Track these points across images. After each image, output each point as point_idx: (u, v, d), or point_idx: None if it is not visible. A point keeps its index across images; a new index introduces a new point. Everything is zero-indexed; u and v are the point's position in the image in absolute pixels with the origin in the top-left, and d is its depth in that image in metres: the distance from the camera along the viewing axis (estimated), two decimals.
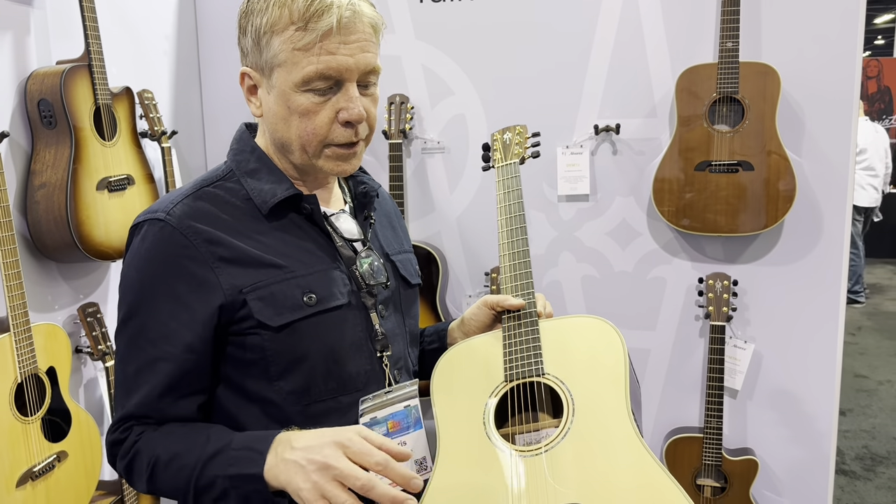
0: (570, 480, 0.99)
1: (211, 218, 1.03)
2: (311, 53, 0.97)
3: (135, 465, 1.01)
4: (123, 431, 1.03)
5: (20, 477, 1.61)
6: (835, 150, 2.12)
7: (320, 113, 1.00)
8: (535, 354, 1.13)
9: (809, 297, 2.20)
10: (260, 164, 1.09)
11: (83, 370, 2.00)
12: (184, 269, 0.99)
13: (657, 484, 0.96)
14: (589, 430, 1.04)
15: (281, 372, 1.02)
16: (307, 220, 1.09)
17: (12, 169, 1.77)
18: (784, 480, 2.29)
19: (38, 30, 1.86)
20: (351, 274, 1.09)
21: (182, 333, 1.00)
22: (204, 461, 0.96)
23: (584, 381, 1.10)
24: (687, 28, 2.18)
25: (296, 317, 1.01)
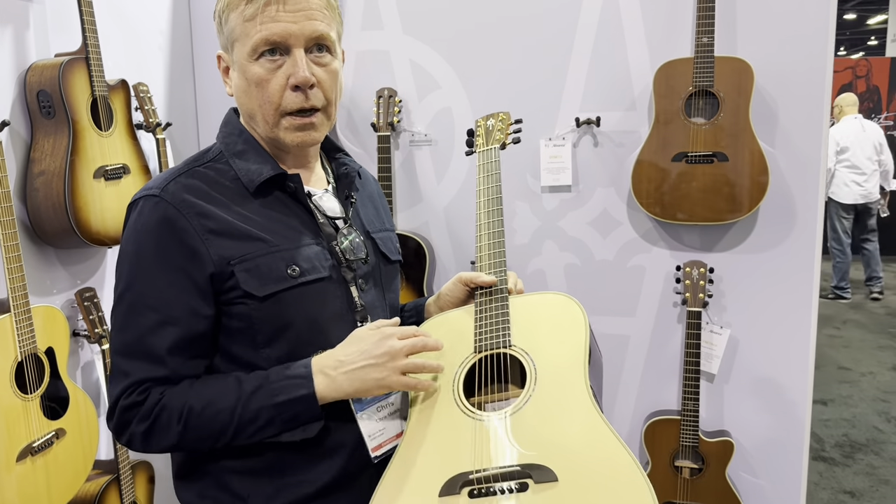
0: (528, 441, 1.06)
1: (202, 194, 1.10)
2: (257, 22, 1.05)
3: (160, 421, 1.05)
4: (140, 394, 1.06)
5: (20, 451, 1.68)
6: (807, 143, 2.20)
7: (272, 81, 1.08)
8: (504, 327, 1.21)
9: (783, 283, 2.28)
10: (247, 145, 1.16)
11: (80, 353, 2.07)
12: (178, 240, 1.06)
13: (607, 446, 1.03)
14: (549, 397, 1.11)
15: (267, 340, 1.10)
16: (291, 198, 1.16)
17: (12, 157, 1.84)
18: (760, 462, 2.37)
19: (38, 24, 1.92)
20: (332, 249, 1.16)
21: (183, 298, 1.06)
22: (246, 398, 1.04)
23: (547, 352, 1.18)
24: (665, 24, 2.25)
25: (280, 287, 1.08)
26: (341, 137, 2.52)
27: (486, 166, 1.43)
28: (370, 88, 2.46)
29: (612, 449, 1.02)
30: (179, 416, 1.05)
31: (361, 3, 2.45)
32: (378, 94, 2.42)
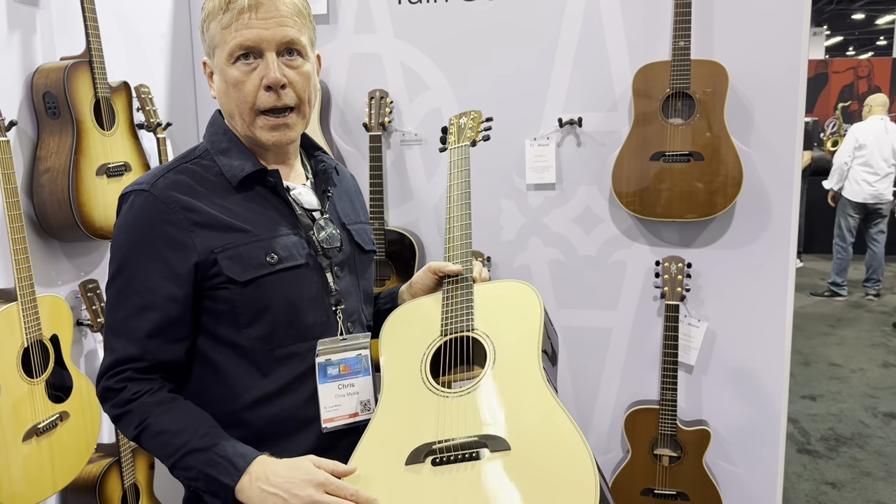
0: (486, 415, 1.16)
1: (188, 189, 1.20)
2: (232, 29, 1.15)
3: (124, 419, 1.18)
4: (118, 382, 1.17)
5: (26, 432, 1.78)
6: (781, 142, 2.28)
7: (247, 82, 1.18)
8: (468, 313, 1.30)
9: (760, 278, 2.36)
10: (230, 143, 1.26)
11: (84, 341, 2.17)
12: (164, 232, 1.17)
13: (555, 420, 1.13)
14: (505, 375, 1.21)
15: (248, 321, 1.20)
16: (271, 192, 1.26)
17: (20, 155, 1.94)
18: (737, 450, 2.46)
19: (44, 28, 2.02)
20: (309, 239, 1.26)
21: (165, 286, 1.17)
22: (188, 451, 1.13)
23: (506, 335, 1.27)
24: (645, 28, 2.34)
25: (260, 273, 1.19)
26: (334, 137, 2.62)
27: (457, 163, 1.52)
28: (362, 90, 2.56)
29: (559, 423, 1.12)
30: (137, 425, 1.16)
31: (354, 8, 2.55)
32: (370, 95, 2.52)
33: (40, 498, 1.84)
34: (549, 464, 1.07)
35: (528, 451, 1.09)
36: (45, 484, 1.84)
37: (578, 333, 2.55)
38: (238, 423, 1.21)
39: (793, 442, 3.57)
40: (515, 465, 1.08)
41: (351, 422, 1.24)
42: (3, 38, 1.88)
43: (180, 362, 1.22)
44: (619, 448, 2.57)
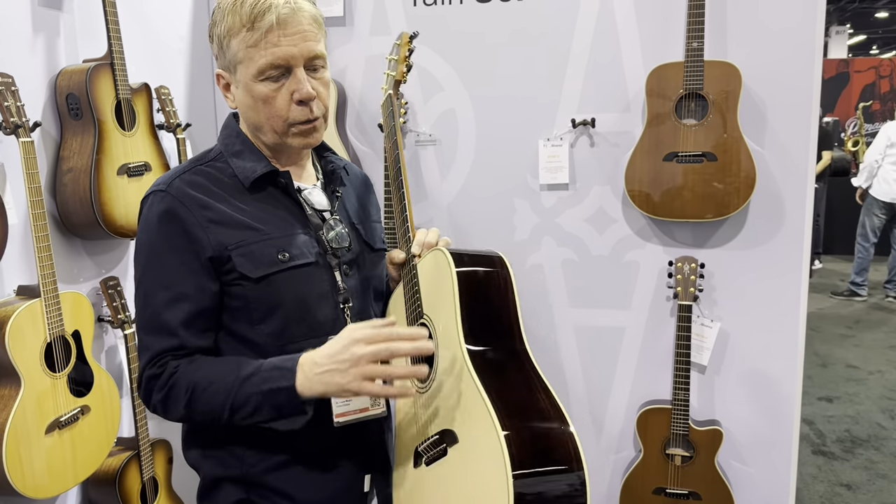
0: (440, 407, 1.20)
1: (203, 189, 1.24)
2: (260, 48, 1.18)
3: (172, 394, 1.20)
4: (160, 367, 1.21)
5: (48, 425, 1.83)
6: (795, 142, 2.28)
7: (278, 97, 1.21)
8: (417, 298, 1.32)
9: (773, 279, 2.36)
10: (243, 146, 1.30)
11: (105, 337, 2.22)
12: (182, 228, 1.21)
13: (473, 401, 1.12)
14: (444, 359, 1.23)
15: (261, 317, 1.23)
16: (283, 192, 1.30)
17: (43, 155, 1.99)
18: (749, 450, 2.46)
19: (67, 32, 2.07)
20: (318, 238, 1.30)
21: (192, 277, 1.21)
22: (240, 382, 1.16)
23: (439, 317, 1.27)
24: (658, 29, 2.35)
25: (271, 270, 1.22)
26: (350, 137, 2.65)
27: (386, 122, 1.41)
28: (378, 91, 2.56)
29: (476, 404, 1.11)
30: (186, 391, 1.18)
31: (370, 10, 2.58)
32: None
33: (62, 489, 1.89)
34: (473, 450, 1.11)
35: (466, 438, 1.13)
36: (67, 476, 1.89)
37: (591, 333, 2.56)
38: None
39: (808, 443, 3.56)
40: (461, 455, 1.13)
41: (362, 416, 1.28)
42: (28, 42, 1.93)
43: (214, 350, 1.26)
44: (631, 447, 2.58)
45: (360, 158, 2.65)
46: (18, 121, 1.76)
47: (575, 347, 2.59)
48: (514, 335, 1.24)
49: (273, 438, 1.21)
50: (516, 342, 1.23)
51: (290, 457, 1.25)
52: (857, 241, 6.42)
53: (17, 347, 1.74)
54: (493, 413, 1.07)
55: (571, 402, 2.62)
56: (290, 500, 1.27)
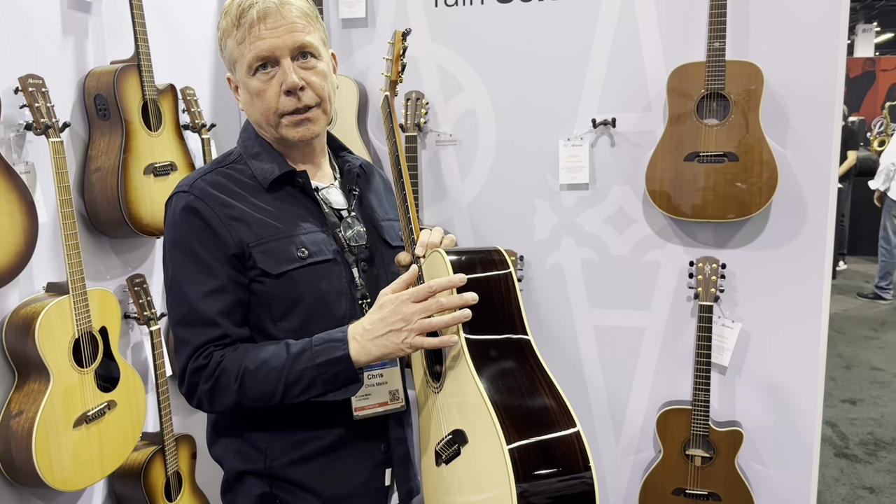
0: (450, 406, 1.22)
1: (225, 189, 1.28)
2: (247, 43, 1.22)
3: (220, 382, 1.21)
4: (205, 357, 1.23)
5: (76, 419, 1.86)
6: (817, 143, 2.27)
7: (268, 90, 1.24)
8: None
9: (795, 280, 2.35)
10: (261, 148, 1.33)
11: (131, 334, 2.26)
12: (206, 227, 1.24)
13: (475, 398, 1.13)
14: (450, 364, 1.23)
15: (281, 313, 1.26)
16: (300, 192, 1.33)
17: (72, 155, 2.03)
18: (770, 452, 2.45)
19: (95, 34, 2.11)
20: (336, 236, 1.32)
21: (222, 271, 1.24)
22: (292, 359, 1.19)
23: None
24: (680, 29, 2.35)
25: (291, 267, 1.25)
26: (371, 137, 2.68)
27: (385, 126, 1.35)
28: (399, 91, 2.60)
29: (478, 406, 1.11)
30: (236, 376, 1.20)
31: (392, 11, 2.60)
32: (406, 96, 2.57)
33: (89, 482, 1.93)
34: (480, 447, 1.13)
35: (474, 436, 1.15)
36: (94, 469, 1.93)
37: (611, 333, 2.56)
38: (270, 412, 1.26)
39: (830, 446, 3.53)
40: (471, 453, 1.15)
41: (381, 410, 1.30)
42: (58, 44, 1.97)
43: (252, 341, 1.28)
44: (651, 448, 2.58)
45: (381, 158, 2.68)
46: (48, 121, 1.80)
47: (595, 347, 2.59)
48: (516, 329, 1.22)
49: (295, 433, 1.23)
50: (519, 337, 1.21)
51: (312, 451, 1.27)
52: (879, 245, 6.35)
53: (47, 343, 1.78)
54: (496, 418, 1.06)
55: (591, 402, 2.63)
56: (312, 494, 1.29)
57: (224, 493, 1.38)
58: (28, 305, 1.82)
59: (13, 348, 1.80)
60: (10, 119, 1.80)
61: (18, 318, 1.80)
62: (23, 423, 1.76)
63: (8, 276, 1.71)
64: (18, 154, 1.85)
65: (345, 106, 2.55)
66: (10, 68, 1.81)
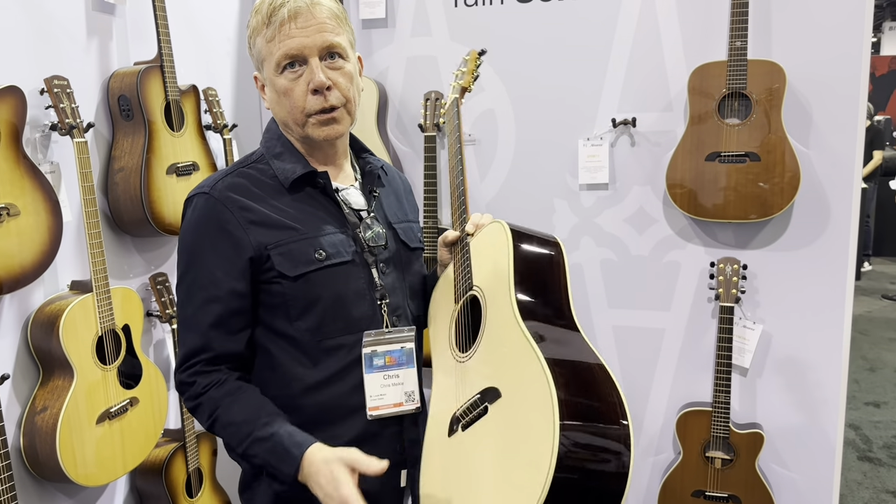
0: (484, 368, 1.22)
1: (245, 191, 1.28)
2: (276, 41, 1.23)
3: (198, 410, 1.28)
4: (190, 376, 1.27)
5: (99, 415, 1.89)
6: (841, 143, 2.25)
7: (295, 89, 1.25)
8: (468, 272, 1.35)
9: (817, 281, 2.33)
10: (284, 148, 1.34)
11: (153, 331, 2.29)
12: (224, 231, 1.25)
13: (526, 356, 1.13)
14: (493, 323, 1.25)
15: (299, 314, 1.27)
16: (321, 192, 1.33)
17: (96, 155, 2.06)
18: (792, 455, 2.42)
19: (119, 36, 2.14)
20: (355, 237, 1.33)
21: (226, 280, 1.25)
22: (252, 440, 1.22)
23: (491, 283, 1.29)
24: (701, 28, 2.33)
25: (309, 269, 1.26)
26: (391, 137, 2.68)
27: (449, 121, 1.51)
28: (418, 92, 2.62)
29: (527, 359, 1.12)
30: (209, 416, 1.26)
31: (412, 11, 2.61)
32: (426, 96, 2.58)
33: (111, 478, 1.95)
34: (522, 405, 1.11)
35: (513, 393, 1.14)
36: (116, 465, 1.95)
37: (631, 334, 2.55)
38: (293, 408, 1.28)
39: (853, 449, 3.48)
40: (505, 410, 1.14)
41: (396, 411, 1.30)
42: (83, 45, 2.00)
43: (242, 353, 1.31)
44: (670, 449, 2.57)
45: (401, 158, 2.68)
46: (73, 122, 1.82)
47: (614, 348, 2.58)
48: (563, 312, 1.26)
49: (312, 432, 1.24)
50: (566, 315, 1.25)
51: None
52: None
53: (71, 340, 1.81)
54: (544, 362, 1.08)
55: None
56: None
57: (242, 492, 1.39)
58: (53, 303, 1.85)
59: (38, 345, 1.83)
60: (36, 119, 1.83)
61: (43, 316, 1.83)
62: (47, 418, 1.79)
63: (33, 274, 1.74)
64: (44, 154, 1.88)
65: (364, 106, 2.56)
66: (36, 70, 1.84)
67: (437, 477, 1.27)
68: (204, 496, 2.33)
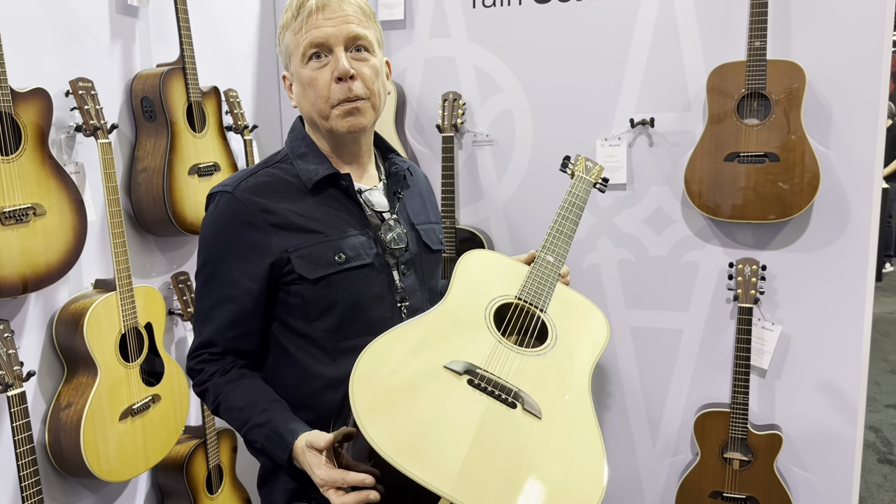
0: (533, 379, 1.20)
1: (268, 192, 1.30)
2: (303, 31, 1.26)
3: (204, 395, 1.34)
4: (199, 363, 1.32)
5: (122, 412, 1.92)
6: (861, 143, 2.23)
7: (320, 78, 1.27)
8: (547, 294, 1.38)
9: (837, 282, 2.31)
10: (308, 149, 1.36)
11: (175, 329, 2.32)
12: (245, 232, 1.27)
13: (588, 423, 1.17)
14: (560, 365, 1.26)
15: (318, 315, 1.29)
16: (344, 194, 1.34)
17: (119, 156, 2.09)
18: (811, 456, 2.41)
19: (142, 38, 2.17)
20: (377, 238, 1.34)
21: (243, 281, 1.28)
22: (250, 426, 1.26)
23: (571, 336, 1.33)
24: (720, 27, 2.33)
25: (328, 272, 1.27)
26: (409, 138, 2.70)
27: (582, 189, 1.64)
28: (436, 92, 2.63)
29: (592, 437, 1.16)
30: (213, 401, 1.32)
31: (430, 13, 2.62)
32: (443, 97, 2.59)
33: (133, 474, 1.99)
34: (567, 463, 1.10)
35: (553, 431, 1.13)
36: (138, 461, 1.98)
37: (648, 334, 2.55)
38: (308, 405, 1.30)
39: (874, 451, 3.45)
40: (537, 433, 1.12)
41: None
42: (106, 47, 2.03)
43: (252, 351, 1.34)
44: (688, 450, 2.56)
45: (419, 158, 2.70)
46: (97, 123, 1.86)
47: (632, 349, 2.58)
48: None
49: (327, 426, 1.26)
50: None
51: None
52: None
53: (94, 338, 1.84)
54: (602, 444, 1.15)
55: (627, 404, 2.62)
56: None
57: (260, 487, 1.41)
58: (77, 301, 1.88)
59: (63, 342, 1.87)
60: (61, 121, 1.86)
61: (68, 314, 1.86)
62: (71, 415, 1.83)
63: (58, 272, 1.77)
64: (69, 155, 1.91)
65: None
66: (62, 72, 1.87)
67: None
68: (224, 493, 2.36)
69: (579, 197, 1.60)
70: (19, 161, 1.66)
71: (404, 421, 1.05)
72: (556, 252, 1.48)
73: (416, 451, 1.02)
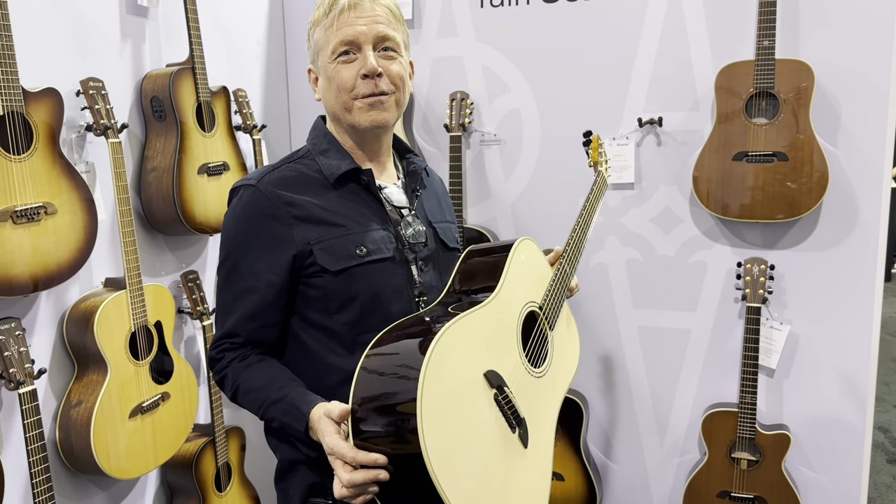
0: (528, 405, 1.23)
1: (290, 186, 1.32)
2: (334, 28, 1.29)
3: (223, 382, 1.35)
4: (219, 352, 1.34)
5: (132, 410, 1.93)
6: (870, 143, 2.22)
7: (347, 73, 1.30)
8: (559, 308, 1.43)
9: (846, 281, 2.31)
10: (330, 145, 1.38)
11: (184, 328, 2.33)
12: (268, 225, 1.29)
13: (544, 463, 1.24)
14: (545, 392, 1.31)
15: (338, 307, 1.30)
16: (365, 189, 1.36)
17: (129, 155, 2.11)
18: (819, 456, 2.40)
19: (152, 38, 2.18)
20: (397, 234, 1.36)
21: (265, 273, 1.29)
22: (268, 403, 1.27)
23: (559, 361, 1.38)
24: (728, 27, 2.32)
25: (350, 264, 1.29)
26: (416, 137, 2.71)
27: (601, 187, 1.69)
28: (444, 92, 2.64)
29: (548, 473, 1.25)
30: (232, 386, 1.33)
31: (438, 12, 2.63)
32: (451, 97, 2.59)
33: (143, 471, 2.00)
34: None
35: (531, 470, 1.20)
36: (148, 459, 2.00)
37: (656, 334, 2.55)
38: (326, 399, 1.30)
39: (883, 452, 3.44)
40: (521, 468, 1.17)
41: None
42: (117, 47, 2.05)
43: (272, 342, 1.35)
44: (695, 450, 2.56)
45: (427, 157, 2.71)
46: (108, 122, 1.87)
47: (639, 348, 2.58)
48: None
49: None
50: None
51: None
52: None
53: (105, 336, 1.86)
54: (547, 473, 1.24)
55: (635, 404, 2.62)
56: None
57: (277, 482, 1.42)
58: (87, 300, 1.89)
59: (73, 341, 1.88)
60: (72, 120, 1.88)
61: (78, 312, 1.87)
62: (82, 412, 1.84)
63: (69, 271, 1.79)
64: (79, 154, 1.92)
65: None
66: (72, 72, 1.89)
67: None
68: (233, 490, 2.37)
69: (602, 191, 1.65)
70: (31, 160, 1.68)
71: (446, 428, 1.03)
72: (573, 262, 1.53)
73: (445, 460, 1.00)
